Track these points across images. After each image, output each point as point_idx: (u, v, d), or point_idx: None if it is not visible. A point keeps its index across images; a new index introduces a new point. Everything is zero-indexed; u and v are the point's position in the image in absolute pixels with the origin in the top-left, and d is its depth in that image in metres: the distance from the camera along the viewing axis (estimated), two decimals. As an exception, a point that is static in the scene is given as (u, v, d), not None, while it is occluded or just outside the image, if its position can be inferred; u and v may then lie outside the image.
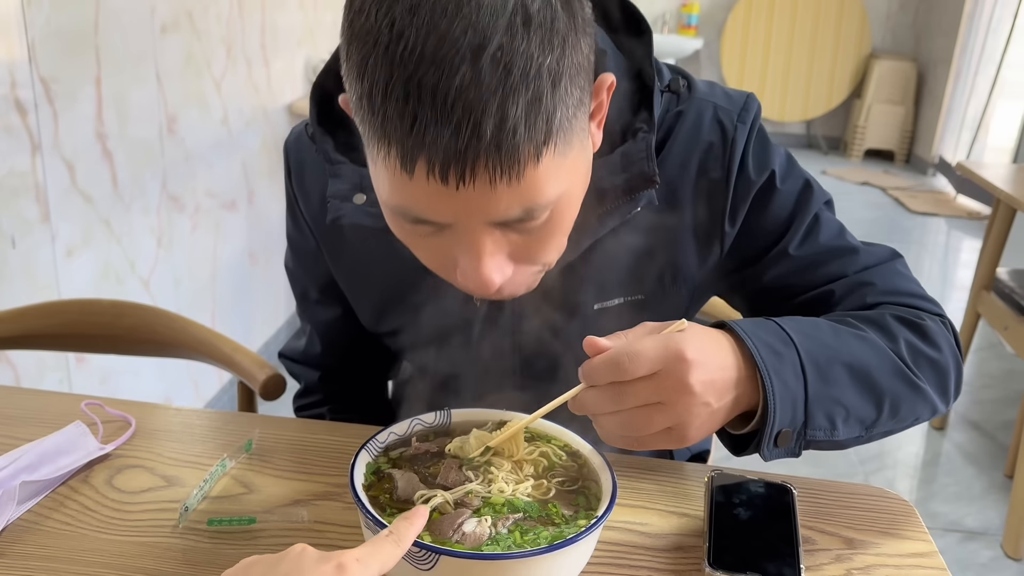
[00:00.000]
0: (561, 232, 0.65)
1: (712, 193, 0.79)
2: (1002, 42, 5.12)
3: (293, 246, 0.93)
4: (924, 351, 0.75)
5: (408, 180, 0.56)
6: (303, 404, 1.04)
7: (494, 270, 0.61)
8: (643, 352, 0.60)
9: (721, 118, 0.78)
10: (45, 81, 1.50)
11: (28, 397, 0.92)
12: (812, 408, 0.67)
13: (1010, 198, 2.12)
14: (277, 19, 2.53)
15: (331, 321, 0.95)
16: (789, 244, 0.80)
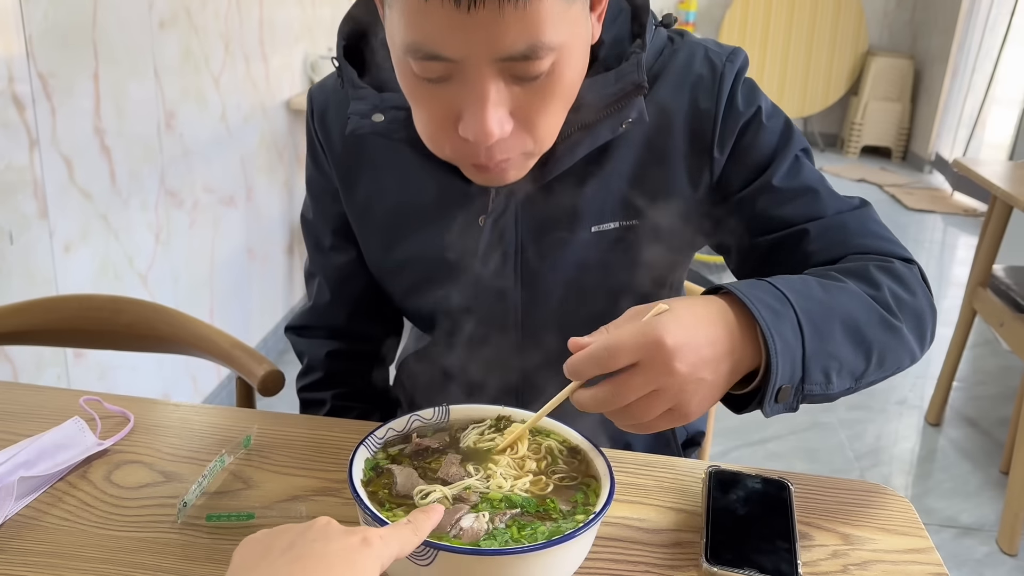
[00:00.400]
0: (559, 97, 0.69)
1: (702, 121, 0.83)
2: (999, 40, 5.12)
3: (312, 190, 0.97)
4: (905, 299, 0.77)
5: (423, 6, 0.61)
6: (306, 384, 1.05)
7: (495, 120, 0.66)
8: (622, 344, 0.61)
9: (711, 57, 0.83)
10: (43, 76, 1.50)
11: (26, 393, 0.92)
12: (809, 364, 0.68)
13: (1006, 195, 2.12)
14: (275, 15, 2.52)
15: (343, 266, 0.98)
16: (773, 176, 0.83)
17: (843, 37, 6.08)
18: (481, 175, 0.74)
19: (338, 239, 0.97)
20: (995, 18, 5.29)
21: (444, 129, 0.70)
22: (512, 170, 0.73)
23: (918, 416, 2.64)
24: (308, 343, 1.05)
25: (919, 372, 2.94)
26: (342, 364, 1.04)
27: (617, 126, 0.78)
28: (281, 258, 2.74)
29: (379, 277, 0.97)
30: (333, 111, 0.89)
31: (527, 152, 0.72)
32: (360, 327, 1.03)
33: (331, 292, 1.00)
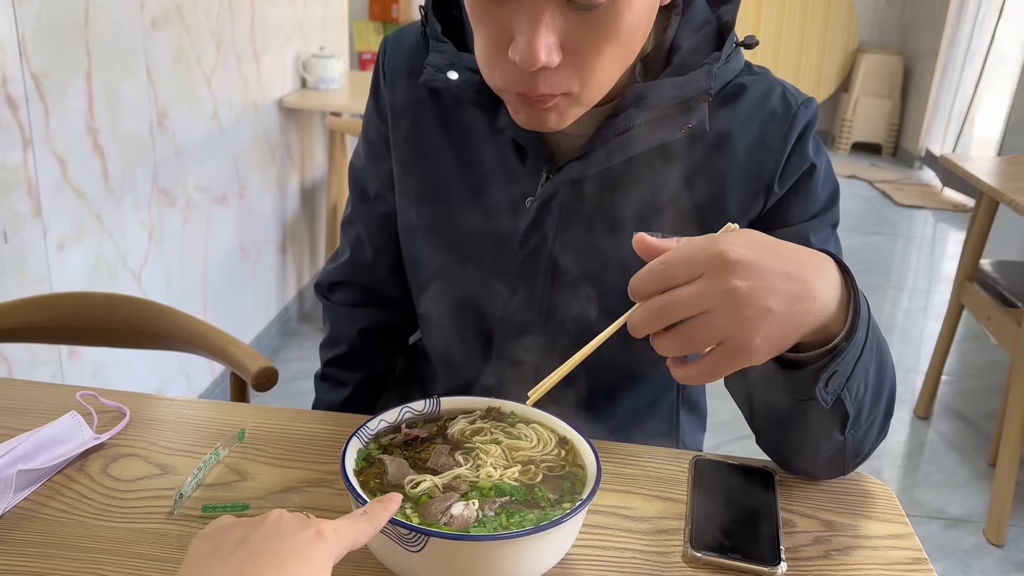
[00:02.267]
0: (614, 39, 0.68)
1: (767, 154, 0.82)
2: (988, 36, 5.16)
3: (367, 134, 0.96)
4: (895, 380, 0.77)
5: None
6: (331, 358, 1.05)
7: (543, 44, 0.65)
8: (678, 257, 0.58)
9: (788, 97, 0.83)
10: (36, 76, 1.51)
11: (23, 388, 0.93)
12: (860, 361, 0.66)
13: (992, 190, 2.15)
14: (267, 13, 2.53)
15: (389, 214, 0.96)
16: (810, 232, 0.83)
17: (833, 34, 6.11)
18: (524, 112, 0.73)
19: (384, 187, 0.95)
20: (984, 14, 5.33)
21: (497, 53, 0.70)
22: (554, 114, 0.72)
23: (907, 410, 2.67)
24: (337, 311, 1.04)
25: (908, 366, 2.97)
26: (370, 342, 1.04)
27: (677, 129, 0.77)
28: (274, 256, 2.76)
29: (408, 239, 0.94)
30: (405, 61, 0.89)
31: (571, 94, 0.71)
32: (394, 284, 1.01)
33: (370, 241, 0.99)
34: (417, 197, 0.91)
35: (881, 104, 6.12)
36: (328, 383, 1.07)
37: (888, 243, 4.33)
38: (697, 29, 0.80)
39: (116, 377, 1.83)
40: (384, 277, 1.01)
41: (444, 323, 0.95)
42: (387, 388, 1.07)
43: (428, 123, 0.88)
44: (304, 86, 2.89)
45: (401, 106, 0.89)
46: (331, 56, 2.86)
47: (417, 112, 0.89)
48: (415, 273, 0.96)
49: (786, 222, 0.84)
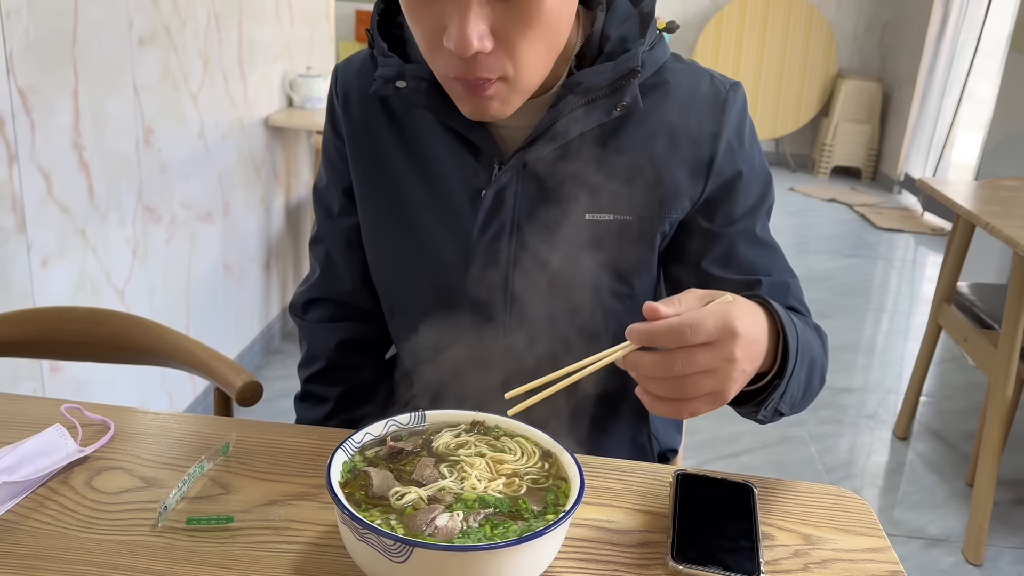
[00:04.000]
0: (538, 24, 0.74)
1: (704, 139, 0.89)
2: (965, 65, 5.26)
3: (327, 155, 1.02)
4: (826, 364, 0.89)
5: None
6: (310, 375, 1.07)
7: (475, 31, 0.72)
8: (704, 323, 0.64)
9: (717, 84, 0.90)
10: (23, 92, 1.51)
11: (6, 401, 0.93)
12: (791, 384, 0.76)
13: (968, 213, 2.19)
14: (254, 33, 2.55)
15: (350, 229, 1.01)
16: (755, 224, 0.91)
17: (814, 60, 6.21)
18: (469, 102, 0.79)
19: (348, 202, 1.01)
20: (962, 44, 5.44)
21: (434, 43, 0.76)
22: (496, 101, 0.79)
23: (887, 430, 2.69)
24: (313, 328, 1.07)
25: (888, 387, 3.00)
26: (348, 356, 1.06)
27: (612, 108, 0.84)
28: (258, 274, 2.75)
29: (372, 244, 0.99)
30: (355, 82, 0.95)
31: (507, 78, 0.77)
32: (366, 296, 1.05)
33: (340, 256, 1.04)
34: (377, 203, 0.96)
35: (860, 129, 6.21)
36: (308, 402, 1.08)
37: (868, 266, 4.38)
38: (622, 21, 0.86)
39: (98, 393, 1.82)
40: (356, 290, 1.05)
41: (413, 321, 0.98)
42: (367, 402, 1.08)
43: (382, 133, 0.94)
44: (291, 105, 2.91)
45: (356, 121, 0.95)
46: (318, 76, 2.88)
47: (371, 125, 0.94)
48: (382, 275, 1.00)
49: (731, 215, 0.91)
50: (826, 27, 6.16)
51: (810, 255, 4.39)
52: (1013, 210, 2.24)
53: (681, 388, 0.66)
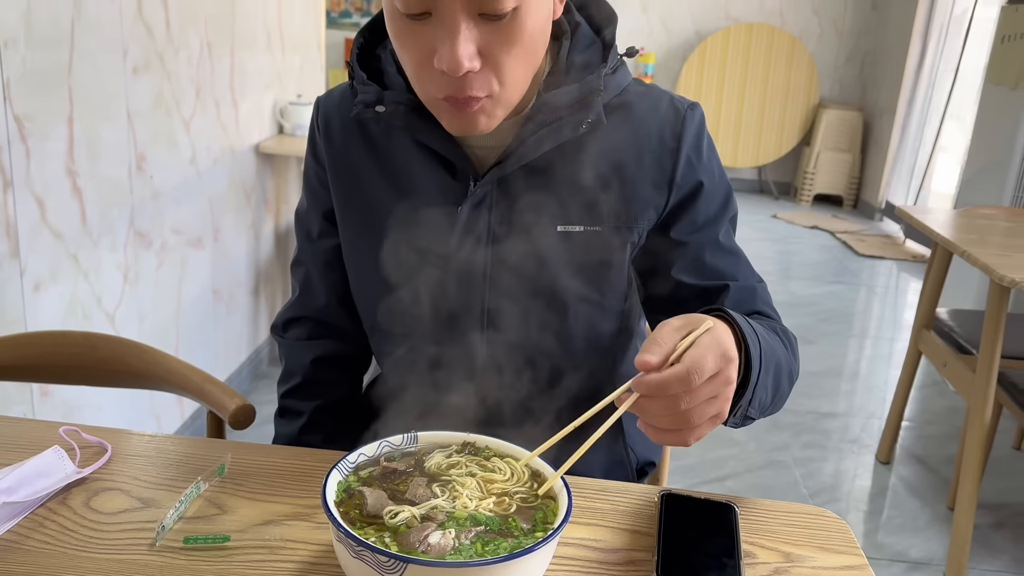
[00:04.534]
0: (521, 44, 0.80)
1: (665, 154, 0.94)
2: (944, 96, 5.38)
3: (307, 181, 1.07)
4: (794, 364, 0.93)
5: None
6: (286, 390, 1.11)
7: (465, 53, 0.77)
8: (706, 363, 0.67)
9: (675, 103, 0.96)
10: (19, 119, 1.54)
11: (4, 424, 0.94)
12: (757, 391, 0.80)
13: (945, 240, 2.24)
14: (246, 61, 2.58)
15: (330, 250, 1.06)
16: (718, 231, 0.96)
17: (795, 90, 6.32)
18: (456, 118, 0.84)
19: (327, 224, 1.06)
20: (940, 74, 5.56)
21: (425, 66, 0.81)
22: (483, 116, 0.84)
23: (869, 455, 2.73)
24: (291, 346, 1.11)
25: (871, 412, 3.04)
26: (323, 372, 1.09)
27: (578, 125, 0.89)
28: (247, 299, 2.77)
29: (354, 263, 1.04)
30: (336, 110, 1.01)
31: (493, 95, 0.82)
32: (343, 316, 1.09)
33: (318, 276, 1.08)
34: (357, 222, 1.01)
35: (842, 158, 6.31)
36: (285, 417, 1.11)
37: (850, 292, 4.44)
38: (585, 48, 0.93)
39: (87, 418, 1.83)
40: (334, 309, 1.09)
41: (395, 335, 1.02)
42: (344, 417, 1.11)
43: (361, 157, 0.98)
44: (281, 132, 2.94)
45: (336, 148, 1.00)
46: (308, 104, 2.91)
47: (351, 150, 0.99)
48: (363, 293, 1.04)
49: (695, 224, 0.96)
50: (808, 58, 6.28)
51: (793, 281, 4.44)
52: (989, 238, 2.30)
53: (687, 420, 0.69)
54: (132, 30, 1.89)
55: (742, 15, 6.40)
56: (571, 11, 0.93)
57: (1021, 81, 3.40)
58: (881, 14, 6.33)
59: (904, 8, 5.89)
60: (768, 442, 2.74)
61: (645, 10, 6.42)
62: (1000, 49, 3.64)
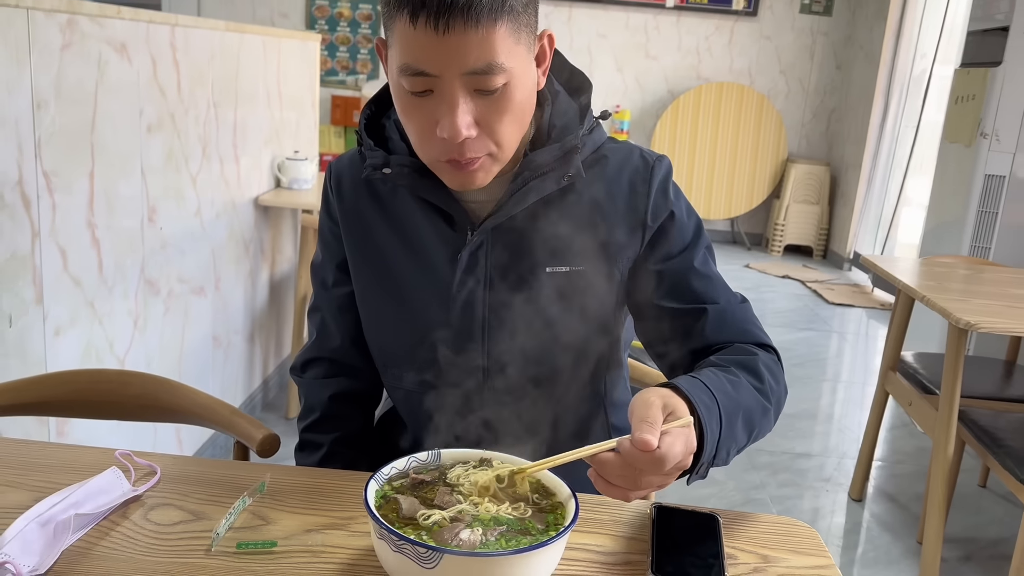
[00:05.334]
0: (512, 113, 0.93)
1: (637, 198, 1.07)
2: (907, 151, 5.63)
3: (322, 236, 1.20)
4: (775, 388, 1.02)
5: (412, 32, 0.86)
6: (306, 425, 1.22)
7: (464, 122, 0.90)
8: (675, 453, 0.78)
9: (644, 155, 1.09)
10: (47, 174, 1.65)
11: (59, 450, 1.04)
12: (721, 446, 0.90)
13: (906, 287, 2.39)
14: (247, 120, 2.72)
15: (344, 296, 1.18)
16: (693, 259, 1.07)
17: (765, 146, 6.58)
18: (457, 176, 0.96)
19: (340, 274, 1.18)
20: (903, 131, 5.83)
21: (428, 134, 0.93)
22: (481, 172, 0.96)
23: (843, 492, 2.84)
24: (310, 384, 1.22)
25: (843, 452, 3.16)
26: (340, 407, 1.21)
27: (560, 179, 1.02)
28: (243, 346, 2.86)
29: (367, 309, 1.16)
30: (347, 172, 1.14)
31: (491, 155, 0.95)
32: (357, 356, 1.21)
33: (333, 321, 1.20)
34: (368, 272, 1.13)
35: (811, 210, 6.55)
36: (305, 451, 1.22)
37: (822, 339, 4.60)
38: (564, 113, 1.05)
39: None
40: (348, 350, 1.21)
41: (405, 371, 1.15)
42: (359, 447, 1.22)
43: (370, 213, 1.12)
44: (278, 186, 3.07)
45: (347, 205, 1.13)
46: (304, 159, 3.05)
47: (361, 207, 1.12)
48: (375, 335, 1.17)
49: (670, 253, 1.07)
50: (776, 115, 6.55)
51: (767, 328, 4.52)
52: (947, 284, 2.46)
53: (636, 485, 0.79)
54: (148, 92, 2.02)
55: (712, 75, 6.69)
56: (552, 81, 1.07)
57: (974, 139, 3.62)
58: (845, 74, 6.64)
59: (866, 68, 6.20)
60: (746, 481, 2.85)
61: (620, 70, 6.69)
62: (954, 109, 3.87)
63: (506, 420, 1.08)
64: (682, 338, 1.07)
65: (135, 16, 1.93)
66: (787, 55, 6.67)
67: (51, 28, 1.63)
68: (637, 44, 6.65)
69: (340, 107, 6.31)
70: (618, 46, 6.65)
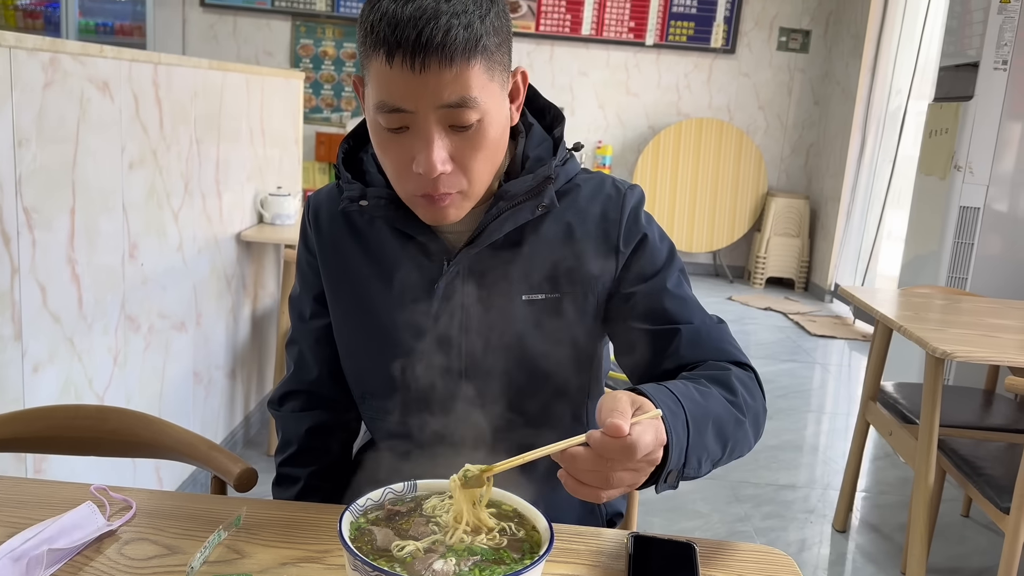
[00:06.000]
0: (485, 149, 0.95)
1: (610, 225, 1.08)
2: (884, 185, 5.72)
3: (300, 269, 1.21)
4: (750, 403, 1.02)
5: (388, 71, 0.89)
6: (284, 459, 1.22)
7: (439, 158, 0.92)
8: (645, 442, 0.77)
9: (617, 184, 1.12)
10: (28, 211, 1.66)
11: (34, 485, 1.03)
12: (690, 454, 0.89)
13: (884, 318, 2.42)
14: (230, 156, 2.74)
15: (320, 329, 1.19)
16: (667, 281, 1.08)
17: (745, 180, 6.66)
18: (431, 211, 0.99)
19: (318, 306, 1.19)
20: (879, 165, 5.92)
21: (404, 169, 0.96)
22: (452, 208, 0.98)
23: (827, 524, 2.84)
24: (287, 417, 1.23)
25: (827, 483, 3.17)
26: (317, 440, 1.21)
27: (535, 208, 1.04)
28: (224, 382, 2.84)
29: (344, 340, 1.17)
30: (325, 205, 1.16)
31: (463, 192, 0.97)
32: (334, 388, 1.22)
33: (310, 353, 1.21)
34: (346, 303, 1.15)
35: (791, 243, 6.62)
36: (282, 485, 1.23)
37: (805, 370, 4.62)
38: (538, 144, 1.08)
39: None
40: (325, 382, 1.22)
41: (383, 402, 1.15)
42: (336, 480, 1.23)
43: (348, 244, 1.13)
44: (261, 221, 3.08)
45: (325, 238, 1.15)
46: (287, 195, 3.07)
47: (339, 239, 1.14)
48: (352, 366, 1.18)
49: (643, 276, 1.09)
50: (755, 150, 6.65)
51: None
52: (924, 314, 2.49)
53: (607, 482, 0.78)
54: (130, 129, 2.04)
55: (692, 111, 6.79)
56: (526, 114, 1.10)
57: (948, 172, 3.69)
58: (822, 109, 6.76)
59: (843, 104, 6.32)
60: (730, 513, 2.85)
61: (602, 107, 6.78)
62: (929, 143, 3.94)
63: (486, 449, 1.08)
64: (658, 359, 1.08)
65: (118, 55, 1.95)
66: (765, 91, 6.79)
67: (33, 67, 1.65)
68: (618, 81, 6.75)
69: (324, 143, 6.35)
70: (599, 83, 6.75)
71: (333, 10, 6.58)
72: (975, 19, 3.63)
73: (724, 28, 6.65)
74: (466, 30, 0.88)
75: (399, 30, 0.87)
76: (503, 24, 0.95)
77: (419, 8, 0.87)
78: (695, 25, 6.64)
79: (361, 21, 0.93)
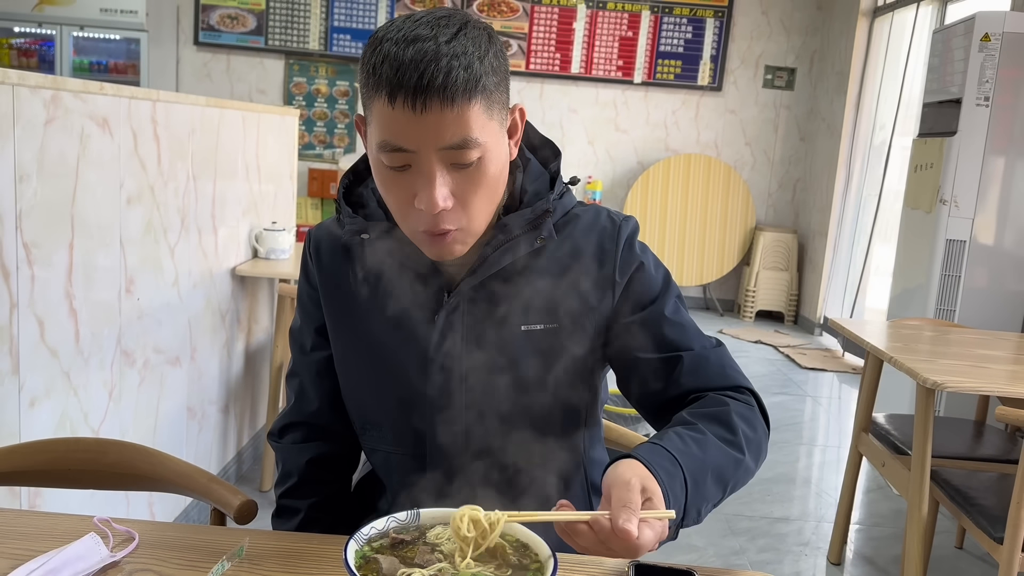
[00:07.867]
0: (485, 187, 0.97)
1: (605, 256, 1.11)
2: (871, 217, 5.80)
3: (301, 302, 1.22)
4: (751, 437, 1.03)
5: (391, 111, 0.91)
6: (284, 491, 1.22)
7: (440, 195, 0.94)
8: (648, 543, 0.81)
9: (612, 216, 1.14)
10: (27, 246, 1.67)
11: (36, 518, 1.03)
12: (689, 508, 0.92)
13: (875, 349, 2.45)
14: (226, 192, 2.76)
15: (321, 361, 1.20)
16: (664, 308, 1.10)
17: (733, 215, 6.74)
18: (434, 247, 1.00)
19: (319, 339, 1.20)
20: (866, 199, 6.01)
21: (407, 206, 0.98)
22: (456, 244, 1.00)
23: (821, 556, 2.84)
24: (287, 449, 1.23)
25: (821, 516, 3.17)
26: (318, 472, 1.22)
27: (533, 240, 1.06)
28: (217, 417, 2.84)
29: (345, 371, 1.18)
30: (326, 239, 1.18)
31: (464, 228, 0.99)
32: (335, 419, 1.22)
33: (311, 385, 1.22)
34: (348, 335, 1.16)
35: (780, 276, 6.68)
36: (283, 516, 1.23)
37: (796, 403, 4.64)
38: (535, 179, 1.11)
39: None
40: (325, 414, 1.23)
41: (384, 432, 1.16)
42: (336, 512, 1.23)
43: (349, 277, 1.15)
44: (256, 256, 3.09)
45: (327, 271, 1.17)
46: (282, 229, 3.09)
47: (340, 272, 1.15)
48: (354, 397, 1.19)
49: (641, 305, 1.11)
50: (743, 185, 6.73)
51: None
52: (913, 346, 2.52)
53: (607, 553, 0.82)
54: (128, 165, 2.06)
55: (680, 147, 6.88)
56: (523, 150, 1.12)
57: (934, 206, 3.75)
58: (808, 144, 6.86)
59: (829, 139, 6.42)
60: (725, 547, 2.84)
61: (591, 143, 6.87)
62: (914, 177, 4.01)
63: (486, 479, 1.09)
64: (660, 387, 1.09)
65: (117, 92, 1.98)
66: (752, 128, 6.90)
67: (35, 103, 1.67)
68: (607, 118, 6.84)
69: (317, 180, 6.40)
70: (589, 120, 6.84)
71: (326, 49, 6.67)
72: (956, 57, 3.71)
73: (711, 66, 6.77)
74: (466, 71, 0.91)
75: (401, 72, 0.89)
76: (501, 63, 0.98)
77: (420, 51, 0.90)
78: (682, 63, 6.76)
79: (363, 62, 0.95)
